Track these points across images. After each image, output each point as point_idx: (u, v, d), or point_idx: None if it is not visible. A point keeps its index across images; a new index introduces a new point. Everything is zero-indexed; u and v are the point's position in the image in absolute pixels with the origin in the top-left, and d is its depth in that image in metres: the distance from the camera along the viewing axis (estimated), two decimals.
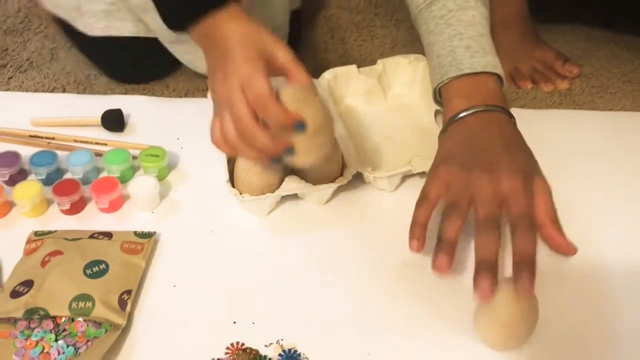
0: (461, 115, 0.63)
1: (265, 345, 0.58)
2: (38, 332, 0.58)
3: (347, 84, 0.82)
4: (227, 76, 0.56)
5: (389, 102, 0.83)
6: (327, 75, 0.81)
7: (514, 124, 0.64)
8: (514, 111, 0.70)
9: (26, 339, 0.58)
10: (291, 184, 0.67)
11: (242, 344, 0.58)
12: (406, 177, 0.73)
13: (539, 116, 0.84)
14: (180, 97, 0.87)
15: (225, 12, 0.58)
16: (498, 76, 0.66)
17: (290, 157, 0.59)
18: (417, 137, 0.78)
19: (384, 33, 1.00)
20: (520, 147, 0.61)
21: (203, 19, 0.58)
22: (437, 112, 0.77)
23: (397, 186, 0.72)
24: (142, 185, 0.69)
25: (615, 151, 0.79)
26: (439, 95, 0.69)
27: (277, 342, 0.58)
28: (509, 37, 0.90)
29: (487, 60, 0.65)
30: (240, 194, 0.66)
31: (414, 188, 0.64)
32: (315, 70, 0.82)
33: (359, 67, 0.82)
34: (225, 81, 0.56)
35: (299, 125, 0.56)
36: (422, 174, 0.71)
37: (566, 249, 0.56)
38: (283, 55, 0.58)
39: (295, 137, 0.57)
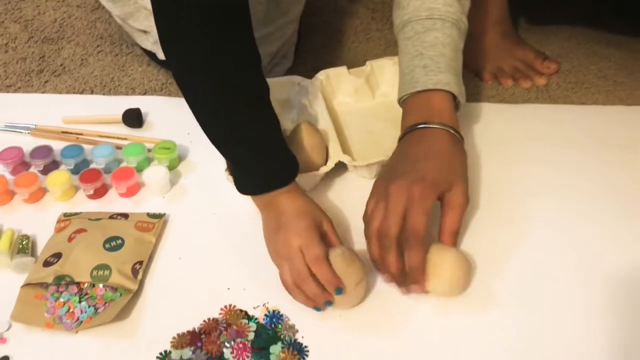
0: (405, 132, 0.71)
1: (254, 307, 0.68)
2: (65, 295, 0.69)
3: (338, 83, 0.91)
4: (288, 238, 0.65)
5: (376, 100, 0.92)
6: (320, 75, 0.90)
7: (455, 138, 0.70)
8: (494, 106, 0.77)
9: (55, 300, 0.69)
10: None
11: (234, 306, 0.68)
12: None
13: (515, 110, 0.92)
14: None
15: (285, 189, 0.68)
16: (452, 93, 0.72)
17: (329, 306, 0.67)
18: (397, 131, 0.87)
19: (379, 35, 1.08)
20: (445, 160, 0.67)
21: (266, 194, 0.68)
22: None
23: (376, 174, 0.81)
24: (155, 173, 0.80)
25: (584, 141, 0.86)
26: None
27: (264, 304, 0.68)
28: (492, 40, 0.98)
29: (439, 78, 0.71)
30: None
31: None
32: (314, 70, 0.92)
33: (354, 67, 0.91)
34: (287, 241, 0.65)
35: (338, 289, 0.64)
36: None
37: None
38: (327, 224, 0.68)
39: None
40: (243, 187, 0.71)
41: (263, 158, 0.68)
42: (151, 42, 0.96)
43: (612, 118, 0.89)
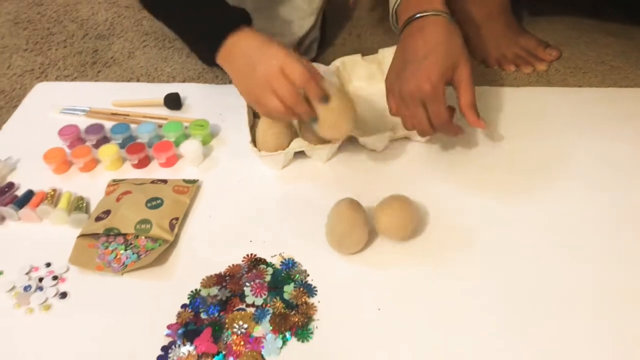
0: (405, 25, 0.78)
1: (272, 256, 0.79)
2: (113, 244, 0.81)
3: (353, 69, 1.01)
4: (263, 64, 0.73)
5: None
6: (337, 62, 1.01)
7: (448, 21, 0.76)
8: (497, 90, 0.85)
9: (105, 249, 0.81)
10: (296, 144, 0.87)
11: (255, 255, 0.79)
12: (392, 141, 0.92)
13: (515, 93, 1.01)
14: (224, 84, 1.09)
15: (238, 34, 0.76)
16: None
17: (315, 125, 0.78)
18: None
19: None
20: (443, 48, 0.75)
21: (223, 45, 0.76)
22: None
23: (384, 148, 0.91)
24: (190, 146, 0.92)
25: (578, 120, 0.94)
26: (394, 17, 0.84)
27: (280, 254, 0.79)
28: (495, 28, 1.07)
29: None
30: (259, 151, 0.88)
31: (397, 149, 0.84)
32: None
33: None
34: (262, 68, 0.73)
35: (325, 97, 0.75)
36: (403, 138, 0.90)
37: (478, 124, 0.77)
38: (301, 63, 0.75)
39: (322, 112, 0.76)
40: (202, 55, 0.81)
41: (208, 16, 0.76)
42: None
43: (604, 97, 0.97)
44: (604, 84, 1.00)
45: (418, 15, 0.77)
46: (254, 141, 0.89)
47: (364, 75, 1.01)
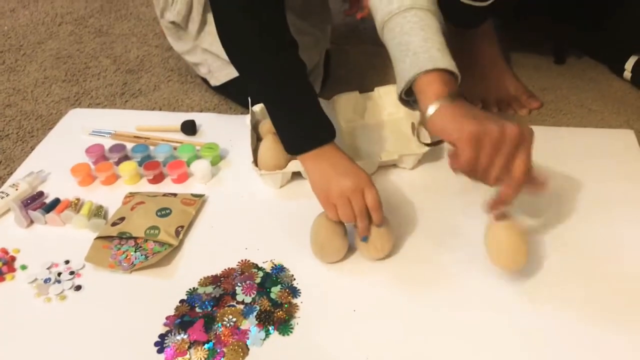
0: (450, 96, 0.76)
1: (263, 262, 0.88)
2: (125, 246, 0.91)
3: (350, 104, 1.12)
4: (346, 179, 0.82)
5: (384, 118, 1.12)
6: (336, 97, 1.12)
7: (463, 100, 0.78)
8: None
9: (117, 250, 0.91)
10: (293, 165, 0.98)
11: (249, 260, 0.89)
12: (380, 167, 1.02)
13: None
14: (236, 114, 1.21)
15: (331, 145, 0.86)
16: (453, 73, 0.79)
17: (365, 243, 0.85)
18: (399, 142, 1.06)
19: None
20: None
21: (312, 150, 0.86)
22: (412, 125, 1.05)
23: (371, 174, 1.01)
24: (200, 165, 1.03)
25: (554, 156, 1.02)
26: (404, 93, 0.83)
27: (271, 260, 0.88)
28: (484, 72, 1.17)
29: (448, 60, 0.78)
30: (260, 170, 0.98)
31: (384, 174, 0.93)
32: None
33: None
34: (344, 181, 0.82)
35: (364, 238, 0.84)
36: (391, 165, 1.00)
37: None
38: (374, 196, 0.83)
39: (374, 234, 0.84)
40: (290, 148, 0.89)
41: (309, 120, 0.87)
42: (204, 72, 1.21)
43: (580, 136, 1.05)
44: (581, 125, 1.09)
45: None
46: (255, 161, 1.00)
47: (360, 110, 1.12)
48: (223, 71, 1.16)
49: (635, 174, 0.98)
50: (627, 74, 1.18)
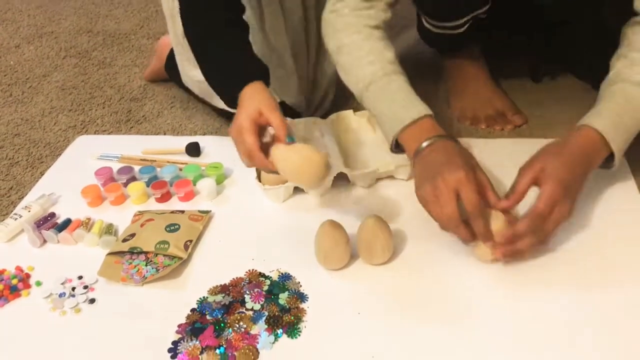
0: (420, 149, 0.90)
1: (270, 271, 0.92)
2: (136, 261, 0.95)
3: (345, 121, 1.18)
4: (234, 122, 0.91)
5: (378, 134, 1.17)
6: (332, 116, 1.17)
7: (453, 140, 0.90)
8: (472, 141, 0.99)
9: (129, 264, 0.95)
10: None
11: (256, 270, 0.92)
12: (379, 180, 1.07)
13: (487, 144, 1.15)
14: None
15: (250, 86, 0.93)
16: (431, 115, 0.93)
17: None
18: (394, 155, 1.11)
19: None
20: (459, 154, 0.87)
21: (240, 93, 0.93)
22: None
23: (370, 185, 1.05)
24: (205, 183, 1.08)
25: None
26: (394, 146, 0.96)
27: (277, 269, 0.92)
28: (472, 90, 1.23)
29: (418, 109, 0.93)
30: (263, 185, 1.03)
31: (382, 186, 0.99)
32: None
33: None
34: (232, 125, 0.91)
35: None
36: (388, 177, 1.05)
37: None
38: (274, 119, 0.88)
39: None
40: (227, 102, 1.00)
41: (236, 72, 0.97)
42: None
43: None
44: None
45: (426, 144, 0.90)
46: (258, 177, 1.04)
47: (355, 127, 1.18)
48: None
49: (618, 180, 1.03)
50: None
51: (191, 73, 1.27)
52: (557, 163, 0.85)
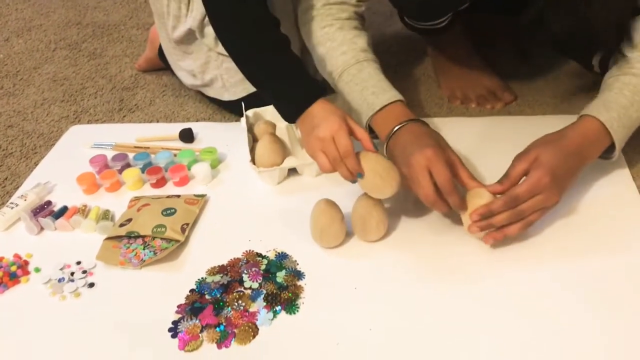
0: (391, 133, 0.93)
1: (267, 251, 0.93)
2: (133, 245, 0.96)
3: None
4: (321, 128, 0.87)
5: None
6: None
7: (423, 123, 0.93)
8: (464, 120, 1.00)
9: (127, 249, 0.95)
10: (289, 161, 1.04)
11: (253, 250, 0.94)
12: None
13: (479, 122, 1.17)
14: (230, 122, 1.27)
15: (316, 103, 0.91)
16: (402, 100, 0.96)
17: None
18: None
19: None
20: (429, 135, 0.90)
21: (304, 112, 0.92)
22: None
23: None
24: (200, 168, 1.09)
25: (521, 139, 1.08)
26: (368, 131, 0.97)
27: (274, 249, 0.93)
28: (461, 70, 1.24)
29: (388, 95, 0.96)
30: (258, 168, 1.04)
31: None
32: None
33: None
34: (319, 131, 0.87)
35: (359, 174, 0.89)
36: None
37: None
38: (359, 130, 0.89)
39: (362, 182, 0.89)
40: (286, 117, 0.95)
41: (296, 88, 0.93)
42: (218, 87, 1.23)
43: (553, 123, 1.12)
44: (555, 113, 1.16)
45: (397, 128, 0.93)
46: (253, 160, 1.05)
47: None
48: (240, 86, 1.19)
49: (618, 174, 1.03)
50: (597, 69, 1.26)
51: (179, 73, 1.29)
52: (551, 152, 0.86)
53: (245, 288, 0.88)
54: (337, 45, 1.02)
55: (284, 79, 0.94)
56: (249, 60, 0.96)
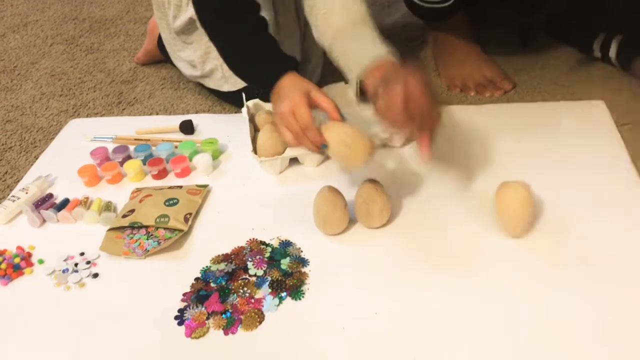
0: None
1: (270, 239, 0.94)
2: (137, 235, 0.96)
3: (339, 93, 1.19)
4: (282, 103, 0.91)
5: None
6: (325, 88, 1.18)
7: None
8: (463, 108, 1.01)
9: (130, 239, 0.96)
10: (291, 151, 1.04)
11: (256, 239, 0.94)
12: None
13: (478, 110, 1.17)
14: (230, 113, 1.27)
15: (285, 78, 0.94)
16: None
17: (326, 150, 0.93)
18: None
19: None
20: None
21: (275, 85, 0.95)
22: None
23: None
24: (201, 159, 1.09)
25: (521, 126, 1.10)
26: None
27: (277, 237, 0.94)
28: (460, 58, 1.25)
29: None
30: (259, 157, 1.04)
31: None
32: None
33: None
34: (281, 106, 0.92)
35: (324, 145, 0.90)
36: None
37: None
38: (324, 100, 0.92)
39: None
40: (262, 96, 1.00)
41: (267, 65, 0.97)
42: (217, 77, 1.24)
43: (551, 110, 1.14)
44: (554, 100, 1.17)
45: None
46: (254, 150, 1.05)
47: (347, 98, 1.18)
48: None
49: (607, 139, 1.05)
50: (597, 53, 1.27)
51: (179, 64, 1.29)
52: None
53: (250, 275, 0.88)
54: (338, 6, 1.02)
55: (258, 59, 0.97)
56: (227, 42, 1.00)
